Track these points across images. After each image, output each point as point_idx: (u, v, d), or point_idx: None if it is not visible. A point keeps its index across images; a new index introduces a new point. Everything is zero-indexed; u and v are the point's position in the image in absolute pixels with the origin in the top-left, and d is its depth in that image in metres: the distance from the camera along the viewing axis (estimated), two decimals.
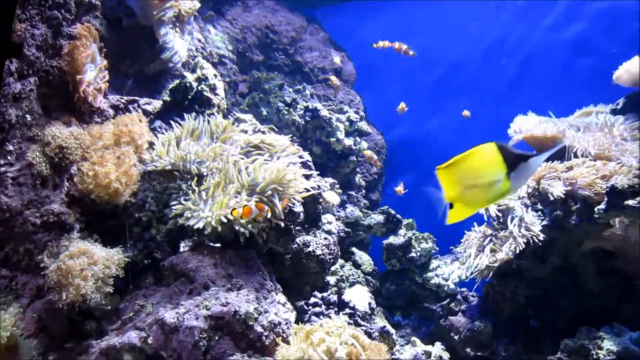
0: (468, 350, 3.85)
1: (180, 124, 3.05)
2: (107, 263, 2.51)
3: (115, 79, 3.30)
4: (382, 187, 6.34)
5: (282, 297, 3.03)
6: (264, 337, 2.55)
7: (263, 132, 3.40)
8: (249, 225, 2.77)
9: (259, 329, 2.54)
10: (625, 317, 3.09)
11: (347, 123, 5.22)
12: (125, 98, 3.25)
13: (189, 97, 3.31)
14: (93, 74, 2.84)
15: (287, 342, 2.65)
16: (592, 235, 3.17)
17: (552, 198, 3.19)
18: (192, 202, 2.75)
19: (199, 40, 4.43)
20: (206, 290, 2.62)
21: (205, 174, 2.89)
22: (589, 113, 4.05)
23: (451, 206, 1.81)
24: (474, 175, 1.72)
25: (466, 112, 5.37)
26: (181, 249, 3.01)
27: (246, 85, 5.15)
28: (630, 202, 2.50)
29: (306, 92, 5.26)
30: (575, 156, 3.63)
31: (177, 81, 3.30)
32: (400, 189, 4.99)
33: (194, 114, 3.09)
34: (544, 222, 3.23)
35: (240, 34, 5.45)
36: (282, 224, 2.92)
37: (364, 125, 5.42)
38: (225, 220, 2.65)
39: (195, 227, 2.66)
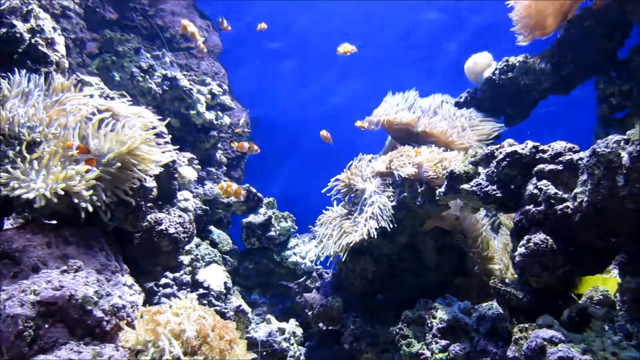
0: (320, 324, 4.00)
1: (7, 81, 2.61)
2: None
3: None
4: (245, 164, 6.25)
5: (129, 279, 2.82)
6: (104, 323, 2.34)
7: (112, 98, 3.08)
8: (94, 198, 2.50)
9: (98, 313, 2.32)
10: (457, 289, 3.45)
11: (209, 96, 5.00)
12: None
13: (19, 50, 2.84)
14: None
15: (133, 327, 2.47)
16: (433, 215, 3.46)
17: (399, 179, 3.41)
18: (20, 171, 2.38)
19: None
20: (35, 273, 2.30)
21: (38, 140, 2.52)
22: (440, 101, 4.40)
23: None
24: None
25: (325, 133, 4.69)
26: (6, 227, 2.61)
27: (96, 45, 4.63)
28: (465, 186, 2.75)
29: (166, 59, 4.91)
30: (424, 143, 3.94)
31: (3, 30, 2.79)
32: None
33: (24, 71, 2.66)
34: (393, 203, 3.43)
35: None
36: (132, 201, 2.68)
37: (227, 100, 5.24)
38: (62, 193, 2.35)
39: (24, 197, 2.31)
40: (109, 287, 2.50)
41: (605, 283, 2.35)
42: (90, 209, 2.45)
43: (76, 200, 2.43)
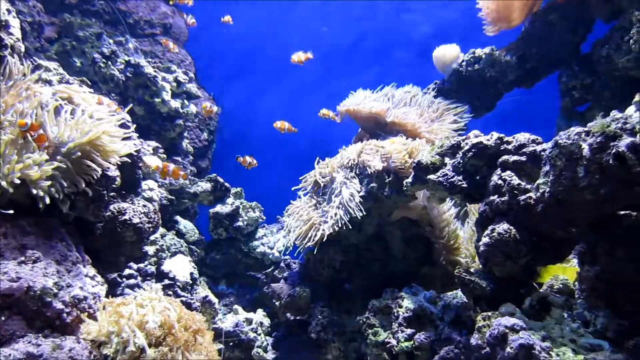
0: (288, 314, 4.00)
1: None
2: None
3: None
4: (212, 154, 6.15)
5: (90, 270, 2.75)
6: (65, 314, 2.27)
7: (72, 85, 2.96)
8: (52, 189, 2.41)
9: (58, 305, 2.25)
10: (423, 278, 3.50)
11: (175, 84, 4.88)
12: None
13: None
14: None
15: (95, 319, 2.41)
16: (400, 205, 3.49)
17: (369, 171, 3.42)
18: None
19: None
20: None
21: None
22: (410, 92, 4.43)
23: None
24: None
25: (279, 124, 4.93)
26: None
27: (55, 30, 4.44)
28: (432, 176, 2.78)
29: (129, 45, 4.76)
30: (393, 134, 3.96)
31: None
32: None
33: None
34: (362, 194, 3.44)
35: None
36: (91, 191, 2.60)
37: (193, 88, 5.14)
38: (18, 182, 2.26)
39: None
40: (70, 279, 2.43)
41: (565, 272, 2.43)
42: (48, 200, 2.36)
43: (34, 191, 2.34)
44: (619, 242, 1.96)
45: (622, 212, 1.92)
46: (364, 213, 3.32)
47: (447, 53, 4.46)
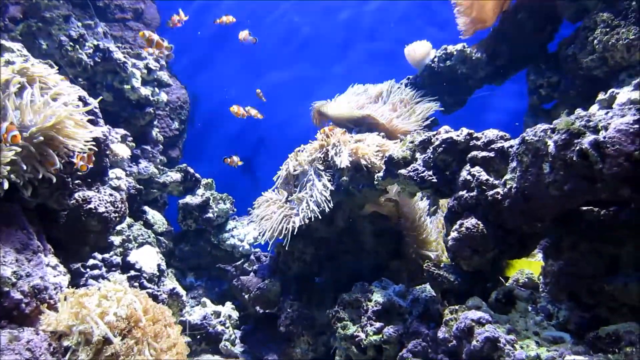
0: (257, 308, 3.97)
1: None
2: None
3: None
4: (184, 144, 6.06)
5: (52, 259, 2.67)
6: (23, 305, 2.20)
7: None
8: (12, 175, 2.32)
9: (17, 295, 2.18)
10: (393, 272, 3.52)
11: (145, 71, 4.77)
12: None
13: None
14: None
15: (56, 310, 2.34)
16: (371, 199, 3.50)
17: (340, 166, 3.41)
18: None
19: None
20: None
21: None
22: (384, 87, 4.44)
23: None
24: None
25: (259, 91, 5.29)
26: None
27: (20, 10, 4.27)
28: (403, 171, 2.79)
29: (99, 29, 4.63)
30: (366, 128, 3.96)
31: None
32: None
33: None
34: (332, 187, 3.43)
35: None
36: (55, 177, 2.52)
37: (164, 76, 5.03)
38: None
39: None
40: (30, 268, 2.35)
41: (531, 266, 2.48)
42: (7, 185, 2.27)
43: None
44: (582, 237, 2.01)
45: (584, 208, 1.97)
46: (335, 206, 3.31)
47: (418, 50, 4.48)
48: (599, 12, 3.40)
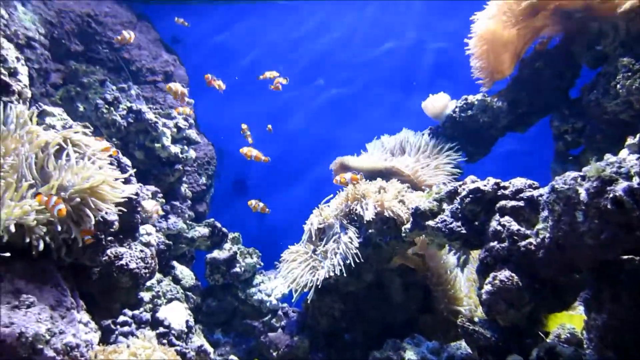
0: None
1: None
2: None
3: None
4: (211, 198, 6.15)
5: (85, 316, 2.69)
6: None
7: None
8: (47, 237, 2.38)
9: (50, 353, 2.19)
10: (424, 326, 3.42)
11: (175, 129, 4.95)
12: None
13: None
14: None
15: None
16: (399, 252, 3.46)
17: (365, 219, 3.40)
18: None
19: (1, 17, 3.75)
20: None
21: None
22: (406, 137, 4.50)
23: None
24: None
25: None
26: None
27: (60, 76, 4.54)
28: (431, 222, 2.77)
29: (131, 91, 4.86)
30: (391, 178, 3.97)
31: None
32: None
33: None
34: (360, 240, 3.41)
35: (56, 17, 4.81)
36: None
37: (192, 133, 5.20)
38: (13, 230, 2.24)
39: None
40: (63, 325, 2.37)
41: (572, 320, 2.37)
42: (42, 246, 2.34)
43: (28, 239, 2.32)
44: (624, 288, 1.94)
45: (624, 257, 1.91)
46: (362, 260, 3.28)
47: (436, 103, 4.53)
48: (619, 57, 3.41)
